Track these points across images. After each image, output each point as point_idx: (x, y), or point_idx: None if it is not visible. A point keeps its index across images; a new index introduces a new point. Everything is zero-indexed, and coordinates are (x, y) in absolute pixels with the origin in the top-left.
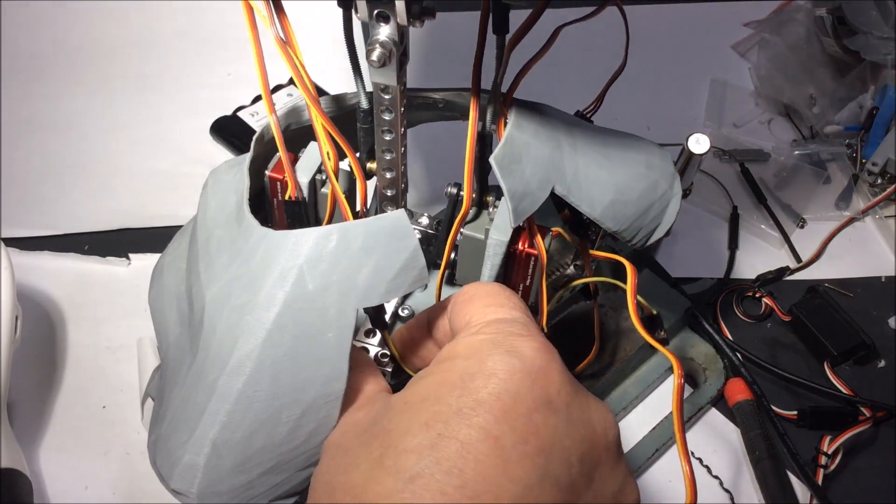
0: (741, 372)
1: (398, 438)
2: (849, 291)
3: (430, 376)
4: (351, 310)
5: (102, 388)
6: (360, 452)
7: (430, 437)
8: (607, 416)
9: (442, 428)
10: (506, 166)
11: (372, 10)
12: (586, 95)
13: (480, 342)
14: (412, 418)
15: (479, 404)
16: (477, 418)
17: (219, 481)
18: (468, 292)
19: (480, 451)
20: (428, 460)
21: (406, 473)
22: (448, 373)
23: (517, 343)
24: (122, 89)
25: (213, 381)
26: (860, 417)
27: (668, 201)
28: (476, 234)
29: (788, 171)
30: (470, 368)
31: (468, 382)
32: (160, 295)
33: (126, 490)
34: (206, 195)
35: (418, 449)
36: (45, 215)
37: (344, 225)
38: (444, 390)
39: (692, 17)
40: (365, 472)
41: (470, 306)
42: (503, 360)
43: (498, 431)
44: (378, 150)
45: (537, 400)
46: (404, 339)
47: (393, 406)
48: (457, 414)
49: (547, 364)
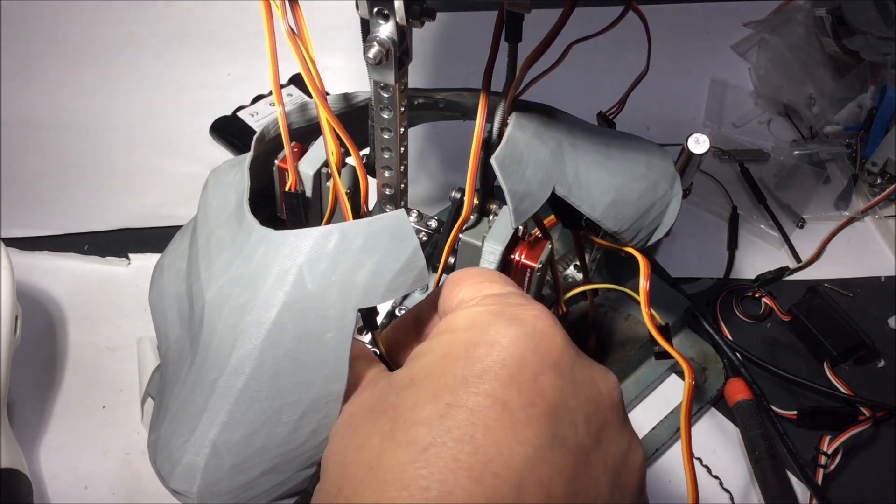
0: (741, 372)
1: (407, 412)
2: (848, 291)
3: (431, 352)
4: (351, 310)
5: (102, 388)
6: (369, 429)
7: (438, 408)
8: (610, 377)
9: (450, 398)
10: (507, 167)
11: (371, 7)
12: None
13: (479, 313)
14: (419, 392)
15: (484, 372)
16: (484, 385)
17: (219, 481)
18: (457, 275)
19: (489, 416)
20: (439, 430)
21: (418, 444)
22: (450, 346)
23: (517, 311)
24: (122, 89)
25: (213, 381)
26: (860, 417)
27: (668, 202)
28: (474, 240)
29: (788, 171)
30: (472, 339)
31: (471, 352)
32: (160, 295)
33: (126, 490)
34: (206, 195)
35: (428, 421)
36: (45, 215)
37: (344, 225)
38: (448, 362)
39: (692, 17)
40: (377, 447)
41: (460, 286)
42: (505, 327)
43: (505, 396)
44: (377, 149)
45: (542, 363)
46: (390, 339)
47: (398, 383)
48: (463, 383)
49: (549, 328)
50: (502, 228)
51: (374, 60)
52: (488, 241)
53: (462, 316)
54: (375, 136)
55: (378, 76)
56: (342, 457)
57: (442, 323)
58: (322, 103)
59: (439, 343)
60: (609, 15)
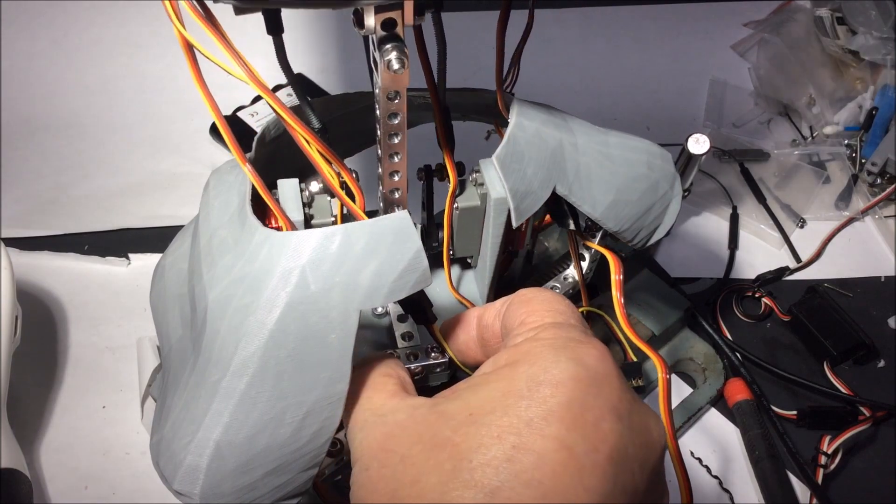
0: (741, 372)
1: (471, 452)
2: (848, 291)
3: (490, 384)
4: (354, 311)
5: (102, 388)
6: (425, 463)
7: (504, 450)
8: (660, 424)
9: (515, 440)
10: (508, 165)
11: (380, 19)
12: (586, 95)
13: (542, 347)
14: (481, 431)
15: (549, 414)
16: (550, 428)
17: (222, 482)
18: (526, 295)
19: (556, 461)
20: (506, 473)
21: (486, 487)
22: (512, 381)
23: (579, 350)
24: (122, 89)
25: (216, 382)
26: (860, 417)
27: (668, 202)
28: (472, 203)
29: (788, 171)
30: (536, 376)
31: (535, 392)
32: (161, 296)
33: (126, 490)
34: (208, 195)
35: (494, 462)
36: (45, 215)
37: (347, 226)
38: (511, 401)
39: (692, 17)
40: (438, 486)
41: (526, 307)
42: (568, 367)
43: (571, 441)
44: (384, 156)
45: (603, 408)
46: (448, 333)
47: (453, 415)
48: (528, 425)
49: (609, 371)
50: (494, 179)
51: (400, 69)
52: (492, 194)
53: (523, 349)
54: (382, 144)
55: (393, 85)
56: (393, 490)
57: (502, 355)
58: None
59: (498, 377)
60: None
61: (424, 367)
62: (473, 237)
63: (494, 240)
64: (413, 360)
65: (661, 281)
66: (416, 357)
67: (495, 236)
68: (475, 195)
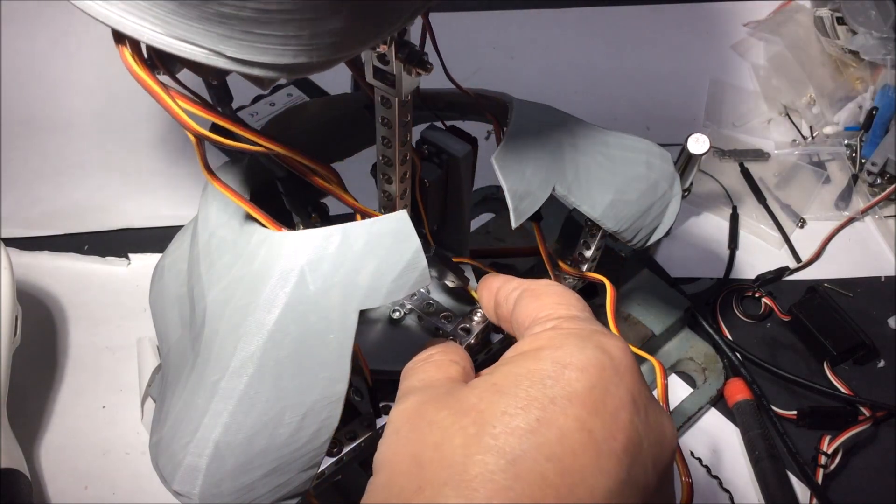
0: (741, 372)
1: (495, 417)
2: (848, 291)
3: (515, 363)
4: (353, 311)
5: (102, 388)
6: (450, 427)
7: (528, 421)
8: (672, 424)
9: (539, 413)
10: (506, 165)
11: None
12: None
13: (567, 335)
14: (506, 400)
15: (573, 395)
16: (573, 409)
17: (221, 483)
18: (537, 289)
19: (577, 441)
20: (529, 443)
21: (509, 455)
22: (537, 361)
23: (604, 340)
24: (121, 89)
25: (215, 382)
26: (860, 417)
27: (668, 202)
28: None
29: (788, 171)
30: (561, 359)
31: (560, 373)
32: (161, 296)
33: (126, 490)
34: (207, 195)
35: (518, 432)
36: (45, 215)
37: (346, 226)
38: (536, 377)
39: (692, 17)
40: (461, 449)
41: (539, 301)
42: (594, 354)
43: (591, 425)
44: (396, 161)
45: (624, 398)
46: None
47: (478, 384)
48: (552, 402)
49: (631, 365)
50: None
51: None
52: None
53: (546, 336)
54: (395, 151)
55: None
56: (418, 451)
57: (524, 342)
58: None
59: (524, 358)
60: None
61: (481, 331)
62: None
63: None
64: (467, 334)
65: (661, 281)
66: (469, 330)
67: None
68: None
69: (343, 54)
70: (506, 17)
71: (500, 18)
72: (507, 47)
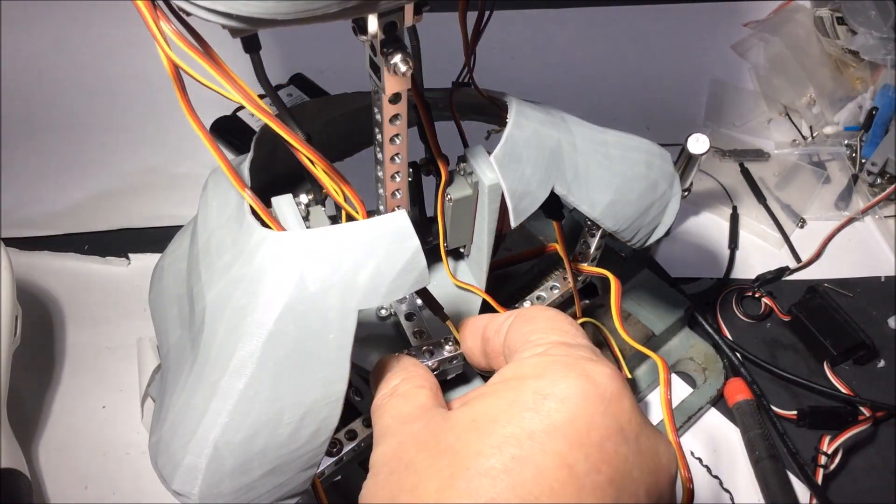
0: (741, 372)
1: (469, 459)
2: (848, 291)
3: (497, 394)
4: (352, 311)
5: (102, 388)
6: (426, 470)
7: (503, 461)
8: (670, 450)
9: (515, 451)
10: (506, 165)
11: (383, 23)
12: (586, 95)
13: (551, 363)
14: (483, 439)
15: (553, 429)
16: (552, 444)
17: (220, 482)
18: (529, 313)
19: (555, 478)
20: (502, 485)
21: (482, 498)
22: (518, 392)
23: (589, 368)
24: (122, 89)
25: (215, 382)
26: (860, 417)
27: (667, 201)
28: (464, 192)
29: (788, 171)
30: (542, 389)
31: (541, 404)
32: (160, 296)
33: (126, 490)
34: (206, 195)
35: (492, 473)
36: (45, 215)
37: (346, 226)
38: (515, 411)
39: (692, 17)
40: (436, 493)
41: (530, 325)
42: (577, 383)
43: (572, 459)
44: (385, 159)
45: (610, 428)
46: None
47: (458, 422)
48: (530, 437)
49: (620, 391)
50: (483, 162)
51: (408, 71)
52: (484, 181)
53: (532, 364)
54: (384, 148)
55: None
56: (395, 496)
57: (509, 368)
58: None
59: (506, 387)
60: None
61: (440, 363)
62: (466, 227)
63: (490, 225)
64: (429, 357)
65: (661, 281)
66: (432, 353)
67: (491, 222)
68: (466, 185)
69: (308, 9)
70: (506, 17)
71: (500, 18)
72: (508, 47)
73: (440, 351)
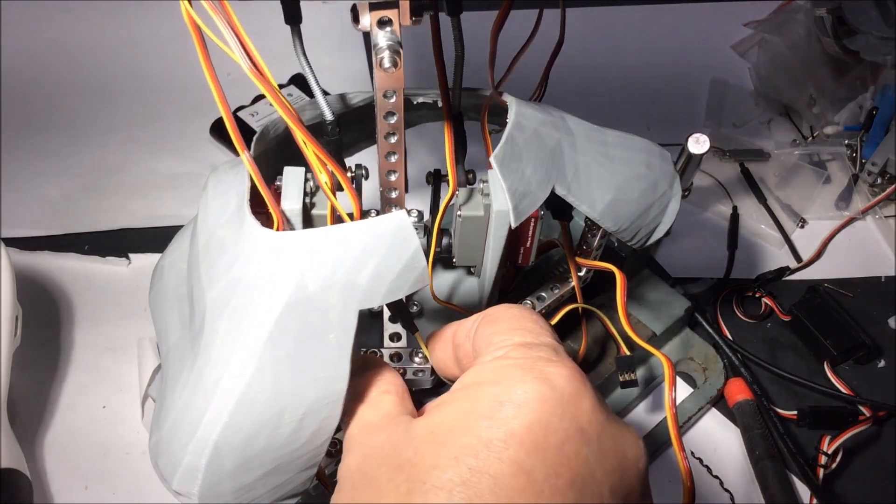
0: (741, 372)
1: (426, 473)
2: (849, 291)
3: (455, 402)
4: (352, 311)
5: (102, 388)
6: (385, 485)
7: (459, 473)
8: (638, 444)
9: (472, 462)
10: (506, 165)
11: (376, 18)
12: (586, 95)
13: (508, 367)
14: (439, 451)
15: (510, 436)
16: (508, 451)
17: (220, 482)
18: (494, 314)
19: (513, 486)
20: (459, 497)
21: None
22: (475, 400)
23: (547, 369)
24: (121, 89)
25: (215, 382)
26: (860, 417)
27: (667, 201)
28: (475, 212)
29: (788, 171)
30: (499, 396)
31: (497, 412)
32: (161, 296)
33: (126, 490)
34: (206, 196)
35: (448, 485)
36: (45, 215)
37: (346, 226)
38: (471, 420)
39: (692, 17)
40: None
41: (494, 327)
42: (533, 387)
43: (530, 465)
44: (380, 155)
45: (569, 430)
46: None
47: (417, 434)
48: (487, 446)
49: (578, 391)
50: (499, 190)
51: (392, 68)
52: (495, 206)
53: (489, 368)
54: (379, 144)
55: (388, 83)
56: None
57: (469, 374)
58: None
59: (464, 395)
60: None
61: (405, 370)
62: (476, 247)
63: (495, 252)
64: (396, 361)
65: (661, 281)
66: (400, 358)
67: (496, 248)
68: (480, 205)
69: None
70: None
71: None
72: (508, 47)
73: (409, 361)
